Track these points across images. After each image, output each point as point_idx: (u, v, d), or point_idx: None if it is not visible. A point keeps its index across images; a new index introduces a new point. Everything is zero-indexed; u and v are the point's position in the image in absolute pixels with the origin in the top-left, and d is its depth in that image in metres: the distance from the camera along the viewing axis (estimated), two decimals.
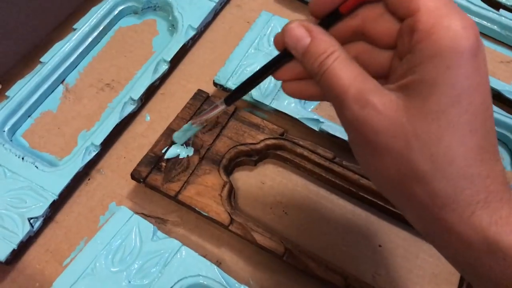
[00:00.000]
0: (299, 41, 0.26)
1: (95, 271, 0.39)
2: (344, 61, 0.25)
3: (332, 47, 0.26)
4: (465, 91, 0.22)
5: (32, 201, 0.43)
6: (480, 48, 0.22)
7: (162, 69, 0.52)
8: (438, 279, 0.42)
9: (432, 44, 0.22)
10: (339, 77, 0.25)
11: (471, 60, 0.22)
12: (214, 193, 0.43)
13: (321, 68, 0.26)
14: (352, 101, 0.24)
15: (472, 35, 0.22)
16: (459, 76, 0.22)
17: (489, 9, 0.58)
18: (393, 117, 0.24)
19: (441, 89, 0.22)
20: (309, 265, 0.40)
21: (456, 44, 0.22)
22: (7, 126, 0.49)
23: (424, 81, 0.23)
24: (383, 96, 0.24)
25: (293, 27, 0.27)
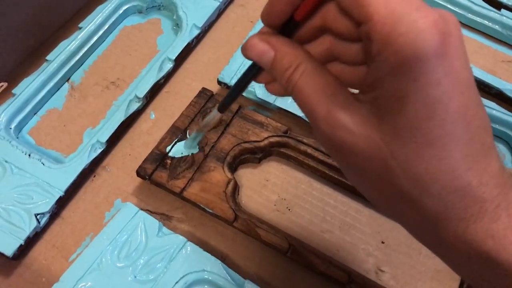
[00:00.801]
0: (263, 56, 0.25)
1: (101, 266, 0.40)
2: (311, 74, 0.24)
3: (297, 60, 0.24)
4: (438, 100, 0.20)
5: (39, 197, 0.43)
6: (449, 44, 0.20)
7: (166, 67, 0.52)
8: (441, 275, 0.42)
9: (391, 56, 0.20)
10: (306, 94, 0.23)
11: (440, 63, 0.20)
12: (218, 190, 0.43)
13: (289, 84, 0.24)
14: (322, 121, 0.23)
15: (435, 34, 0.19)
16: (429, 86, 0.20)
17: (491, 8, 0.58)
18: (366, 136, 0.22)
19: (412, 103, 0.20)
20: (312, 261, 0.40)
21: (417, 50, 0.19)
22: (13, 123, 0.49)
23: (392, 97, 0.21)
24: (354, 113, 0.22)
25: (255, 43, 0.25)
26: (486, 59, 0.57)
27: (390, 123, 0.21)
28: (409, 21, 0.19)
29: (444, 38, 0.20)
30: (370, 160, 0.22)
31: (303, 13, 0.24)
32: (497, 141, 0.50)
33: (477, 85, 0.54)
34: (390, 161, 0.21)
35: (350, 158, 0.23)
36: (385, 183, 0.22)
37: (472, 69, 0.52)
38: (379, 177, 0.22)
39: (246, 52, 0.26)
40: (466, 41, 0.57)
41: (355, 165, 0.23)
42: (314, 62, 0.24)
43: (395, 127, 0.21)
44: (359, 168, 0.23)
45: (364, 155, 0.22)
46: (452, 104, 0.20)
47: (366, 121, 0.22)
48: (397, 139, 0.21)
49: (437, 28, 0.19)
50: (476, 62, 0.56)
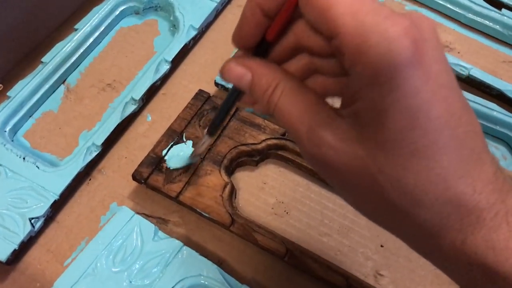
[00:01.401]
0: (241, 79, 0.25)
1: (96, 271, 0.39)
2: (291, 93, 0.23)
3: (275, 80, 0.24)
4: (419, 109, 0.19)
5: (33, 201, 0.43)
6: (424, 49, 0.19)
7: (163, 69, 0.52)
8: (441, 279, 0.42)
9: (364, 68, 0.19)
10: (287, 113, 0.23)
11: (416, 71, 0.19)
12: (215, 194, 0.43)
13: (269, 105, 0.24)
14: (305, 140, 0.23)
15: (407, 41, 0.19)
16: (407, 96, 0.19)
17: (491, 8, 0.58)
18: (350, 152, 0.21)
19: (392, 115, 0.20)
20: (310, 265, 0.40)
21: (390, 60, 0.19)
22: (8, 126, 0.48)
23: (371, 109, 0.20)
24: (336, 130, 0.22)
25: (232, 67, 0.25)
26: (486, 60, 0.56)
27: (372, 137, 0.21)
28: (379, 31, 0.19)
29: (417, 44, 0.19)
30: (357, 176, 0.22)
31: (274, 33, 0.24)
32: (498, 143, 0.50)
33: (478, 86, 0.54)
34: (378, 176, 0.21)
35: (337, 175, 0.23)
36: (376, 198, 0.22)
37: (473, 69, 0.52)
38: (368, 193, 0.22)
39: (223, 76, 0.25)
40: (467, 42, 0.57)
41: (343, 181, 0.23)
42: (293, 80, 0.24)
43: (378, 141, 0.20)
44: (347, 184, 0.23)
45: (351, 171, 0.22)
46: (434, 111, 0.20)
47: (349, 136, 0.21)
48: (382, 153, 0.20)
49: (408, 35, 0.19)
50: (477, 63, 0.55)
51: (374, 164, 0.21)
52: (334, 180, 0.24)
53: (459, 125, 0.20)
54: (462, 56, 0.56)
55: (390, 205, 0.21)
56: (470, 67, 0.52)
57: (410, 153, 0.20)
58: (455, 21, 0.60)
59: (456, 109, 0.20)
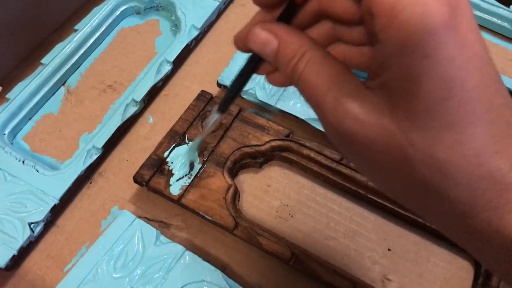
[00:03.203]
0: (266, 46, 0.23)
1: (96, 277, 0.39)
2: (317, 63, 0.22)
3: (302, 48, 0.23)
4: (454, 78, 0.18)
5: (33, 205, 0.42)
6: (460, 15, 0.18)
7: (165, 70, 0.51)
8: (450, 284, 0.41)
9: (397, 32, 0.18)
10: (313, 84, 0.22)
11: (452, 36, 0.18)
12: (218, 196, 0.42)
13: (294, 74, 0.23)
14: (330, 113, 0.21)
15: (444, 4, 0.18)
16: (442, 63, 0.18)
17: (499, 5, 0.57)
18: (379, 125, 0.20)
19: (425, 83, 0.19)
20: (316, 270, 0.39)
21: (425, 24, 0.18)
22: (7, 129, 0.48)
23: (403, 78, 0.19)
24: (364, 102, 0.21)
25: (256, 32, 0.23)
26: (495, 58, 0.54)
27: (403, 108, 0.19)
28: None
29: (454, 9, 0.18)
30: (385, 151, 0.20)
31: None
32: None
33: None
34: (408, 150, 0.20)
35: (363, 151, 0.21)
36: (405, 175, 0.21)
37: None
38: (397, 169, 0.21)
39: (247, 43, 0.24)
40: None
41: (369, 158, 0.21)
42: (320, 50, 0.22)
43: (410, 112, 0.19)
44: (374, 161, 0.21)
45: (378, 146, 0.20)
46: (470, 80, 0.18)
47: (378, 108, 0.20)
48: (413, 126, 0.19)
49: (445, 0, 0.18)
50: None
51: (405, 138, 0.20)
52: (359, 158, 0.22)
53: (494, 98, 0.19)
54: None
55: (420, 182, 0.20)
56: None
57: (444, 125, 0.19)
58: None
59: (491, 81, 0.19)
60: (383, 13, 0.18)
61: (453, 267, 0.41)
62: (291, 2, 0.23)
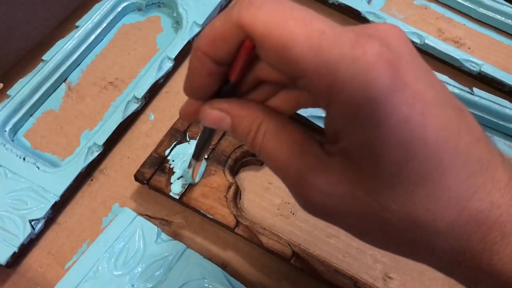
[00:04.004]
0: (220, 123, 0.23)
1: (97, 274, 0.39)
2: (274, 134, 0.21)
3: (257, 120, 0.22)
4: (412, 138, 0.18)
5: (34, 202, 0.42)
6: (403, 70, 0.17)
7: (166, 66, 0.51)
8: (452, 282, 0.40)
9: (341, 107, 0.18)
10: (274, 157, 0.21)
11: (400, 96, 0.17)
12: (219, 195, 0.42)
13: (254, 148, 0.22)
14: (296, 188, 0.21)
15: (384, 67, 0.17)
16: (396, 127, 0.17)
17: (503, 2, 0.56)
18: (348, 195, 0.19)
19: (385, 150, 0.18)
20: (317, 268, 0.39)
21: (370, 95, 0.17)
22: (8, 125, 0.48)
23: (360, 148, 0.18)
24: (327, 172, 0.20)
25: (207, 112, 0.23)
26: (498, 56, 0.55)
27: (368, 175, 0.19)
28: (349, 64, 0.17)
29: (394, 66, 0.17)
30: (361, 219, 0.20)
31: (236, 75, 0.22)
32: (511, 141, 0.48)
33: (489, 82, 0.52)
34: (385, 215, 0.19)
35: (339, 221, 0.21)
36: (390, 236, 0.20)
37: (484, 65, 0.50)
38: (380, 232, 0.20)
39: (202, 122, 0.23)
40: (477, 37, 0.56)
41: (347, 226, 0.21)
42: (276, 119, 0.22)
43: (376, 178, 0.19)
44: (355, 228, 0.21)
45: (353, 216, 0.20)
46: (429, 134, 0.18)
47: (343, 178, 0.19)
48: (382, 190, 0.19)
49: (382, 59, 0.17)
50: (488, 59, 0.53)
51: (378, 204, 0.19)
52: (337, 225, 0.22)
53: (458, 139, 0.18)
54: (473, 51, 0.55)
55: (405, 240, 0.20)
56: (481, 63, 0.51)
57: (414, 184, 0.18)
58: (466, 15, 0.58)
59: (452, 123, 0.18)
60: (323, 93, 0.18)
61: None
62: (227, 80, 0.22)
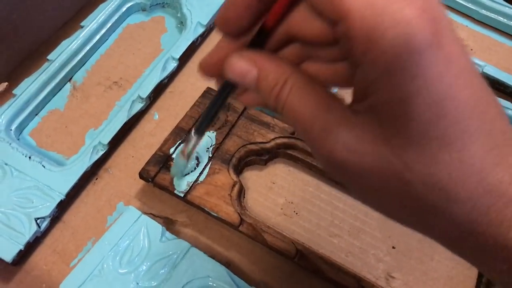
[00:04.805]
0: (245, 76, 0.22)
1: (102, 272, 0.39)
2: (301, 89, 0.21)
3: (284, 75, 0.21)
4: (445, 95, 0.18)
5: (39, 201, 0.42)
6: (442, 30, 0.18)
7: (170, 66, 0.51)
8: (454, 282, 0.41)
9: (380, 56, 0.18)
10: (298, 112, 0.21)
11: (437, 54, 0.17)
12: (223, 193, 0.42)
13: (278, 103, 0.22)
14: (319, 142, 0.21)
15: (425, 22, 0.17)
16: (431, 82, 0.18)
17: (505, 4, 0.56)
18: (372, 152, 0.19)
19: (416, 105, 0.18)
20: (321, 267, 0.39)
21: (409, 45, 0.17)
22: (14, 124, 0.48)
23: (392, 101, 0.18)
24: (353, 128, 0.20)
25: (234, 62, 0.22)
26: (500, 57, 0.55)
27: (396, 132, 0.19)
28: (393, 12, 0.17)
29: (436, 24, 0.17)
30: (382, 178, 0.20)
31: (274, 19, 0.21)
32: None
33: (492, 84, 0.53)
34: (406, 174, 0.19)
35: (358, 179, 0.21)
36: (406, 199, 0.20)
37: (486, 67, 0.51)
38: (396, 194, 0.20)
39: (226, 73, 0.23)
40: (480, 38, 0.56)
41: (366, 186, 0.21)
42: (302, 76, 0.22)
43: (403, 135, 0.19)
44: (371, 189, 0.21)
45: (374, 173, 0.20)
46: (462, 96, 0.18)
47: (369, 134, 0.19)
48: (408, 148, 0.19)
49: (426, 15, 0.17)
50: (490, 60, 0.54)
51: (401, 162, 0.19)
52: (354, 185, 0.22)
53: (486, 110, 0.19)
54: (475, 53, 0.55)
55: (422, 204, 0.20)
56: (483, 65, 0.51)
57: (440, 145, 0.18)
58: (468, 17, 0.58)
59: (481, 93, 0.19)
60: (362, 37, 0.18)
61: (457, 265, 0.41)
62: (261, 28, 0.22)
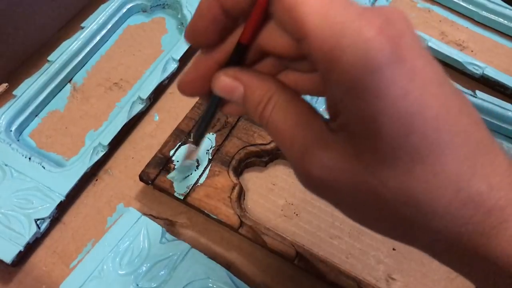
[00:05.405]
0: (232, 93, 0.23)
1: (102, 273, 0.39)
2: (283, 107, 0.22)
3: (268, 93, 0.22)
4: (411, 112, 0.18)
5: (39, 202, 0.42)
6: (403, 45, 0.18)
7: (171, 68, 0.51)
8: (454, 284, 0.41)
9: (341, 76, 0.18)
10: (280, 130, 0.22)
11: (399, 70, 0.17)
12: (223, 195, 0.42)
13: (262, 120, 0.22)
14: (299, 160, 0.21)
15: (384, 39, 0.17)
16: (395, 100, 0.17)
17: (506, 6, 0.56)
18: (347, 170, 0.20)
19: (383, 123, 0.18)
20: (321, 269, 0.39)
21: (369, 64, 0.17)
22: (14, 125, 0.48)
23: (360, 120, 0.18)
24: (329, 147, 0.20)
25: (221, 79, 0.23)
26: (501, 59, 0.55)
27: (368, 150, 0.19)
28: (352, 32, 0.17)
29: (396, 40, 0.17)
30: (359, 196, 0.20)
31: (249, 34, 0.22)
32: None
33: (492, 85, 0.52)
34: (382, 191, 0.19)
35: (336, 198, 0.21)
36: (385, 215, 0.20)
37: (487, 68, 0.51)
38: (375, 211, 0.20)
39: (213, 89, 0.23)
40: (480, 40, 0.56)
41: (345, 204, 0.21)
42: (286, 92, 0.22)
43: (375, 153, 0.19)
44: (350, 206, 0.21)
45: (351, 192, 0.20)
46: (429, 110, 0.18)
47: (344, 152, 0.20)
48: (381, 165, 0.19)
49: (384, 32, 0.17)
50: (491, 62, 0.54)
51: (376, 179, 0.19)
52: (333, 202, 0.22)
53: (458, 119, 0.18)
54: (475, 54, 0.55)
55: (400, 219, 0.20)
56: (484, 66, 0.51)
57: (412, 160, 0.18)
58: (469, 19, 0.58)
59: (452, 102, 0.18)
60: (323, 58, 0.18)
61: None
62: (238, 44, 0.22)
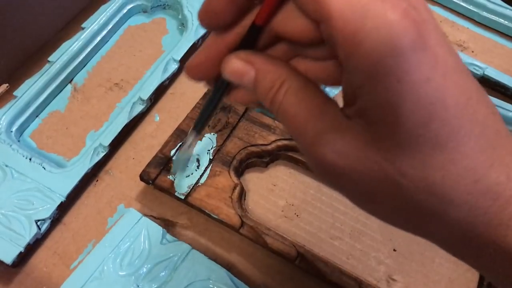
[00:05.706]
0: (243, 77, 0.22)
1: (103, 274, 0.39)
2: (296, 92, 0.21)
3: (280, 77, 0.21)
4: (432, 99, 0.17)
5: (40, 202, 0.42)
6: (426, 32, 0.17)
7: (171, 68, 0.51)
8: (455, 285, 0.41)
9: (364, 59, 0.17)
10: (292, 115, 0.21)
11: (422, 56, 0.17)
12: (224, 195, 0.42)
13: (273, 105, 0.21)
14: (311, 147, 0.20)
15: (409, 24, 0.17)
16: (417, 85, 0.17)
17: (506, 6, 0.56)
18: (363, 158, 0.19)
19: (404, 109, 0.17)
20: (321, 270, 0.39)
21: (393, 48, 0.17)
22: (14, 126, 0.48)
23: (379, 106, 0.18)
24: (344, 133, 0.19)
25: (232, 62, 0.22)
26: (501, 59, 0.55)
27: (386, 136, 0.18)
28: (376, 14, 0.17)
29: (419, 26, 0.17)
30: (374, 184, 0.19)
31: (265, 15, 0.21)
32: None
33: (493, 86, 0.53)
34: (399, 179, 0.19)
35: (350, 186, 0.20)
36: (401, 204, 0.20)
37: (487, 69, 0.51)
38: (391, 200, 0.20)
39: (223, 73, 0.23)
40: (481, 40, 0.56)
41: (359, 192, 0.20)
42: (299, 78, 0.21)
43: (393, 140, 0.18)
44: (365, 195, 0.20)
45: (366, 180, 0.19)
46: (450, 98, 0.18)
47: (360, 139, 0.19)
48: (399, 153, 0.18)
49: (409, 16, 0.17)
50: (491, 62, 0.54)
51: (394, 167, 0.19)
52: (346, 191, 0.21)
53: (477, 109, 0.18)
54: (476, 55, 0.55)
55: (417, 209, 0.19)
56: (484, 67, 0.51)
57: (431, 148, 0.18)
58: (469, 19, 0.58)
59: (471, 92, 0.18)
60: (346, 40, 0.17)
61: (458, 268, 0.41)
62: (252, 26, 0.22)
